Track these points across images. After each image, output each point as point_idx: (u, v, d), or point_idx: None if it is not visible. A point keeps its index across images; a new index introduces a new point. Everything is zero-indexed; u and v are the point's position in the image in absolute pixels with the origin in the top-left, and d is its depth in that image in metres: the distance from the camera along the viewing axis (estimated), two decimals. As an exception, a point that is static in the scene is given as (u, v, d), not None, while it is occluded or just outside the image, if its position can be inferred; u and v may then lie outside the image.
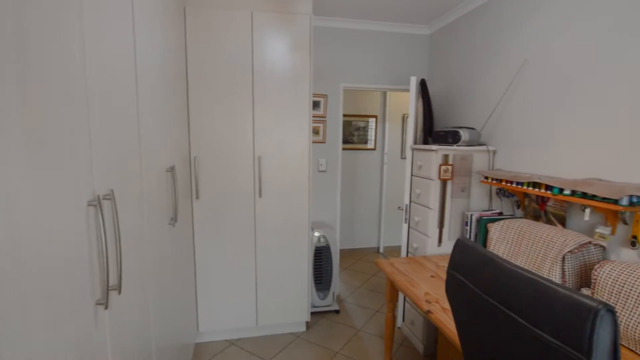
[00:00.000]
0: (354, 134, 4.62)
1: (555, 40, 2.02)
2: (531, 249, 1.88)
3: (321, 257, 3.13)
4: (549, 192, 1.83)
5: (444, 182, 2.38)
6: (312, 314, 3.16)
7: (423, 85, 2.90)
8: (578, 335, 0.71)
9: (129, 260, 1.18)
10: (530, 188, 1.95)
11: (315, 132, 3.31)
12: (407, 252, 2.77)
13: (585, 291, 1.60)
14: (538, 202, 2.10)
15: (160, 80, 1.62)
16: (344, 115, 4.59)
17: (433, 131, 2.68)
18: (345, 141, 4.62)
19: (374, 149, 4.72)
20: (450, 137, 2.42)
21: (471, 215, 2.34)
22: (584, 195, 1.65)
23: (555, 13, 2.01)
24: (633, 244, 1.60)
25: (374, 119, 4.67)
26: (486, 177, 2.29)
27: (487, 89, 2.59)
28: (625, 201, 1.48)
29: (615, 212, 1.64)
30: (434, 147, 2.33)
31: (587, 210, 1.68)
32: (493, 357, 0.97)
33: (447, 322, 1.59)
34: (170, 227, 1.76)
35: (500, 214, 2.36)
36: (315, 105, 3.27)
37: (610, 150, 1.72)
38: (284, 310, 2.77)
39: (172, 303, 1.82)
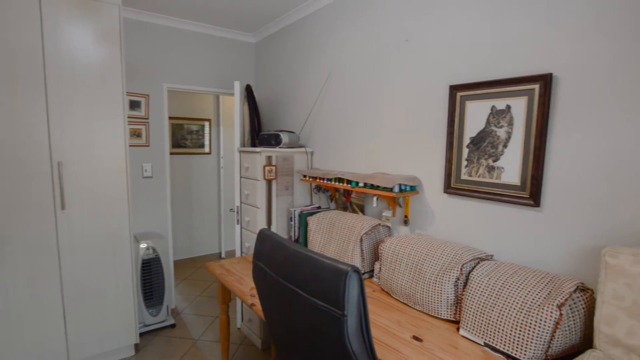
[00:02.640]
0: (187, 138, 4.42)
1: (347, 58, 2.42)
2: (340, 235, 2.20)
3: (150, 270, 2.88)
4: (349, 185, 2.17)
5: (269, 182, 2.53)
6: (144, 334, 2.88)
7: (249, 90, 3.02)
8: (336, 294, 0.88)
9: None
10: (337, 183, 2.27)
11: (137, 134, 3.02)
12: (241, 252, 2.83)
13: (377, 264, 1.98)
14: (344, 195, 2.47)
15: None
16: (175, 118, 4.34)
17: (259, 134, 2.82)
18: (177, 145, 4.38)
19: (210, 153, 4.63)
20: (273, 139, 2.60)
21: (294, 211, 2.57)
22: (373, 186, 2.04)
23: (342, 36, 2.41)
24: (405, 222, 2.06)
25: (208, 123, 4.58)
26: (304, 176, 2.56)
27: (304, 96, 2.89)
28: (396, 189, 1.90)
29: (393, 198, 2.08)
30: (257, 149, 2.46)
31: (374, 199, 2.08)
32: (288, 329, 1.10)
33: (268, 310, 1.70)
34: None
35: (319, 207, 2.67)
36: (135, 105, 2.99)
37: (389, 150, 2.17)
38: (105, 337, 2.43)
39: None
